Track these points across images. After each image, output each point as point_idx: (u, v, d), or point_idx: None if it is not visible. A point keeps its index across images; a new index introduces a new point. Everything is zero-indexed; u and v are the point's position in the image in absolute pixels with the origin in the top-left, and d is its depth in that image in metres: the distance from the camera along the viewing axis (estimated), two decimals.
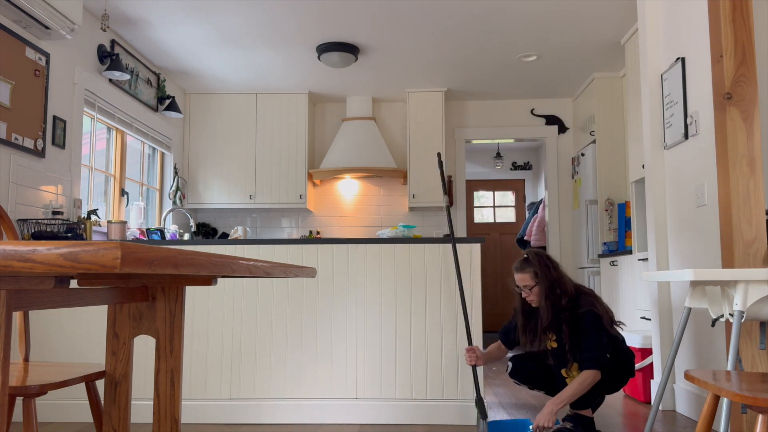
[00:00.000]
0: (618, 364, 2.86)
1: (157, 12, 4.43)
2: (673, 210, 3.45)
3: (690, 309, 2.39)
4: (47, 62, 3.91)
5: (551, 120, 6.46)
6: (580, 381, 2.71)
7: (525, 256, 2.96)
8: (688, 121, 3.24)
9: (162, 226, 4.85)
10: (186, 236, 5.67)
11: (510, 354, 4.04)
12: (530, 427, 2.75)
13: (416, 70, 5.65)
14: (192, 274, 1.27)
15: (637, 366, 3.65)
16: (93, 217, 4.19)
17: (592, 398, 2.83)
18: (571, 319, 2.80)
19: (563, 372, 2.85)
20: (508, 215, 8.74)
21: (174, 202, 5.80)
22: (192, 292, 3.26)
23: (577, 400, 2.78)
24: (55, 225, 3.70)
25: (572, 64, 5.48)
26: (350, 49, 5.05)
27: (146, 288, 1.72)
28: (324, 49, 5.03)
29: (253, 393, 3.18)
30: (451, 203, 6.43)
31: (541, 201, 6.93)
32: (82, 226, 3.94)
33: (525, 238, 7.04)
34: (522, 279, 2.89)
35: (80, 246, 0.80)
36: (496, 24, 4.63)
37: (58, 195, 4.02)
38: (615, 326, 2.90)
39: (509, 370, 3.14)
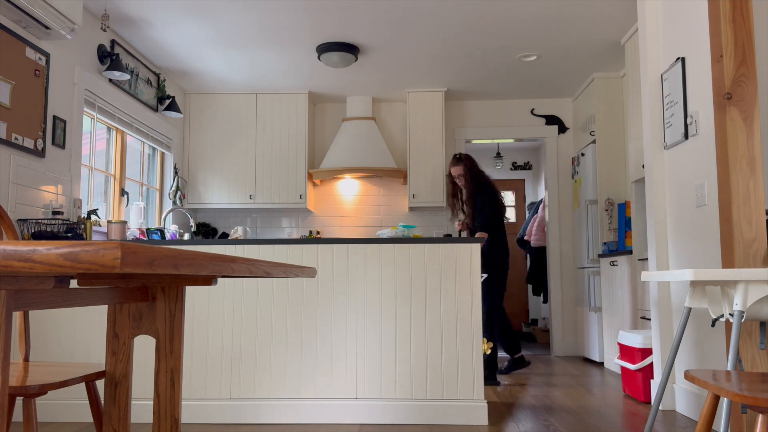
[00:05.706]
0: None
1: (157, 12, 4.43)
2: (673, 210, 3.45)
3: (690, 309, 2.39)
4: (47, 62, 3.91)
5: (551, 120, 6.46)
6: (478, 236, 4.49)
7: (457, 155, 4.67)
8: (688, 121, 3.24)
9: (162, 226, 4.85)
10: (186, 236, 5.67)
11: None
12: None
13: (416, 70, 5.64)
14: (192, 274, 1.27)
15: (638, 366, 3.65)
16: (93, 217, 4.19)
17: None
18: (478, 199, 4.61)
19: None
20: (508, 215, 8.74)
21: (174, 202, 5.80)
22: (192, 292, 3.26)
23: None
24: (55, 225, 3.70)
25: (572, 64, 5.48)
26: (350, 49, 5.05)
27: (146, 288, 1.72)
28: (324, 49, 5.03)
29: (253, 393, 3.18)
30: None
31: (541, 201, 6.93)
32: (82, 226, 3.94)
33: (525, 238, 7.04)
34: (456, 170, 4.65)
35: (80, 246, 0.80)
36: (496, 24, 4.63)
37: (58, 195, 4.02)
38: (503, 215, 4.62)
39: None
